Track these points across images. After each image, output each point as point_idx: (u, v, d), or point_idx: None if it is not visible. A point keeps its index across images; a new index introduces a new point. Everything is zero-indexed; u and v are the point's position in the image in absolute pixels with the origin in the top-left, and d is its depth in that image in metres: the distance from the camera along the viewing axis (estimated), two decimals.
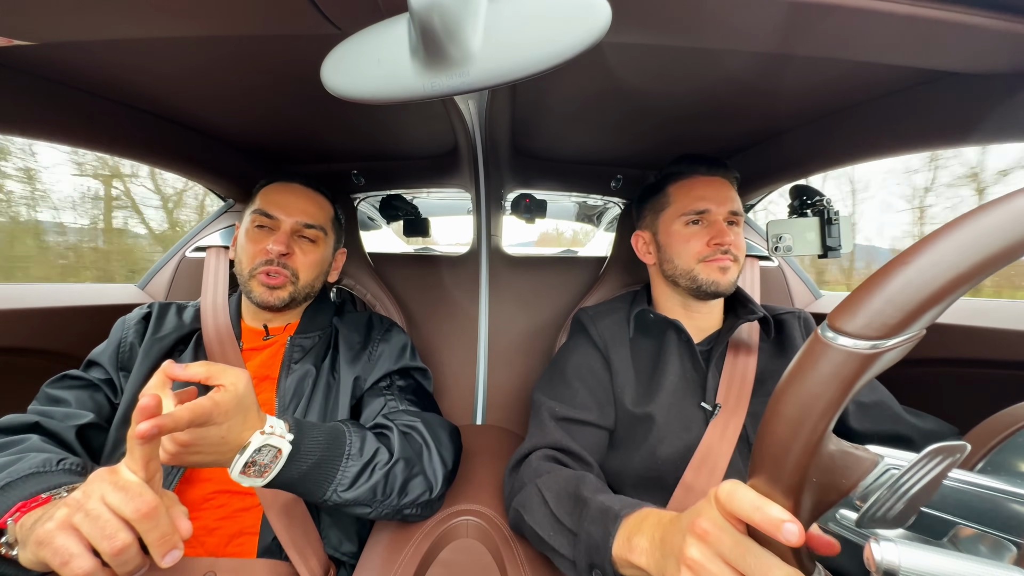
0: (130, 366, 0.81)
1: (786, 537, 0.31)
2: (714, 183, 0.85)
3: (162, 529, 0.43)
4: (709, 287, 0.82)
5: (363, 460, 0.65)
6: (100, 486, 0.44)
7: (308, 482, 0.60)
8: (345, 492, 0.62)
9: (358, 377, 0.85)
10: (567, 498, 0.62)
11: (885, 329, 0.28)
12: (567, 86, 0.77)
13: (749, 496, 0.34)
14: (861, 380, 0.29)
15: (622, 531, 0.52)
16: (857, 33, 0.51)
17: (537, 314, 1.39)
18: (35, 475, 0.55)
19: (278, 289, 0.83)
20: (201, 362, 0.53)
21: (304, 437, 0.60)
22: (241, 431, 0.53)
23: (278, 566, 0.72)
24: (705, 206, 0.83)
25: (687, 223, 0.85)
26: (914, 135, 0.74)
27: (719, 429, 0.76)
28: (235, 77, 0.72)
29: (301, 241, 0.87)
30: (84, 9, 0.50)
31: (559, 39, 0.36)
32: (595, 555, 0.54)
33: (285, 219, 0.85)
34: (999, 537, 0.32)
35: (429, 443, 0.74)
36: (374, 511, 0.66)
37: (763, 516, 0.33)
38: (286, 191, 0.88)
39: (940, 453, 0.30)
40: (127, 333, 0.84)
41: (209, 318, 0.88)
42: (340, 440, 0.64)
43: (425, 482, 0.71)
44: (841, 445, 0.33)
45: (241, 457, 0.53)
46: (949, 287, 0.27)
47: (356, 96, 0.42)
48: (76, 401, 0.75)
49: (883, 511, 0.32)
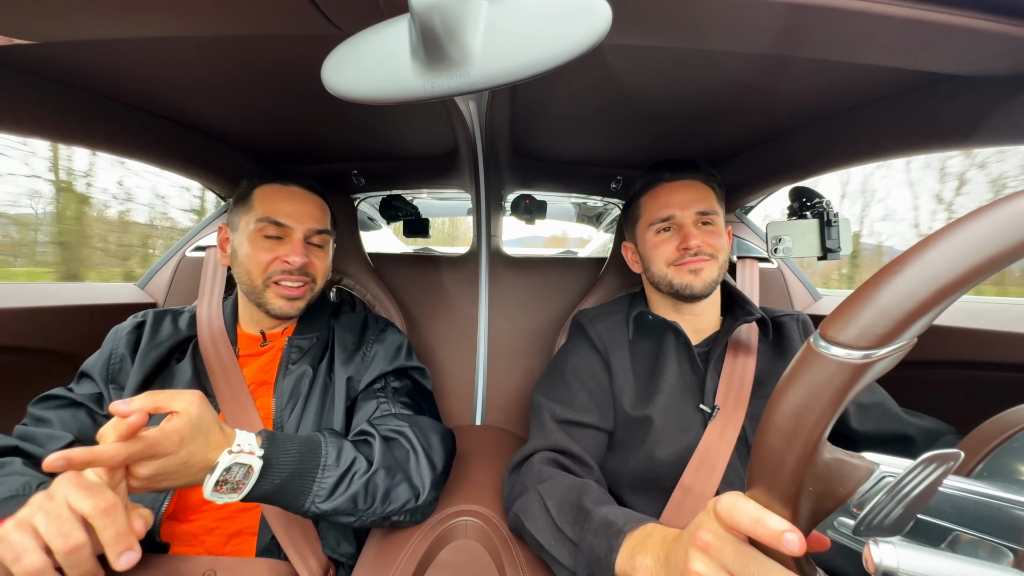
0: (120, 379, 0.80)
1: (788, 548, 0.31)
2: (678, 187, 0.86)
3: (118, 527, 0.44)
4: (684, 290, 0.83)
5: (340, 470, 0.64)
6: (64, 487, 0.45)
7: (285, 495, 0.60)
8: (323, 503, 0.62)
9: (351, 378, 0.84)
10: (569, 508, 0.62)
11: (876, 339, 0.28)
12: (567, 87, 0.77)
13: (748, 509, 0.34)
14: (854, 389, 0.29)
15: (625, 547, 0.52)
16: (857, 36, 0.51)
17: (537, 315, 1.39)
18: (13, 498, 0.56)
19: (298, 300, 0.83)
20: (146, 393, 0.52)
21: (277, 450, 0.59)
22: (206, 452, 0.53)
23: (277, 565, 0.72)
24: (669, 212, 0.85)
25: (657, 231, 0.87)
26: (914, 137, 0.74)
27: (717, 430, 0.76)
28: (235, 77, 0.72)
29: (310, 247, 0.86)
30: (84, 9, 0.50)
31: (560, 40, 0.36)
32: (597, 569, 0.54)
33: (297, 227, 0.83)
34: (996, 543, 0.32)
35: (417, 448, 0.73)
36: (358, 520, 0.66)
37: (764, 529, 0.33)
38: (290, 197, 0.85)
39: (935, 460, 0.30)
40: (118, 344, 0.83)
41: (204, 324, 0.87)
42: (315, 451, 0.63)
43: (411, 489, 0.70)
44: (836, 453, 0.33)
45: (211, 477, 0.53)
46: (939, 296, 0.27)
47: (356, 96, 0.42)
48: (59, 421, 0.74)
49: (880, 518, 0.32)
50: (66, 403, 0.77)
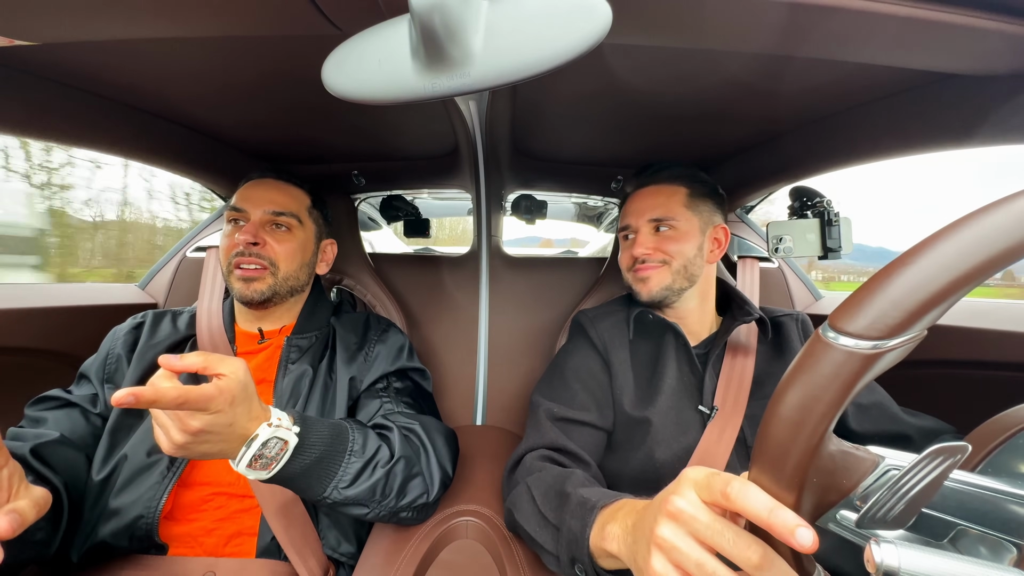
0: (115, 379, 0.80)
1: (800, 543, 0.30)
2: (641, 195, 0.89)
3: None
4: (639, 296, 0.87)
5: (365, 457, 0.64)
6: None
7: (310, 477, 0.59)
8: (346, 489, 0.62)
9: (353, 378, 0.84)
10: (553, 495, 0.62)
11: (887, 329, 0.28)
12: (568, 87, 0.77)
13: (763, 499, 0.33)
14: (862, 381, 0.29)
15: (598, 522, 0.52)
16: (857, 35, 0.51)
17: (537, 315, 1.39)
18: None
19: (254, 281, 0.82)
20: (197, 352, 0.52)
21: (309, 430, 0.59)
22: (247, 421, 0.53)
23: (277, 566, 0.72)
24: (627, 221, 0.89)
25: (624, 238, 0.91)
26: (915, 137, 0.74)
27: (716, 432, 0.76)
28: (236, 77, 0.72)
29: (274, 231, 0.86)
30: (85, 10, 0.50)
31: (560, 40, 0.36)
32: (575, 548, 0.54)
33: (253, 210, 0.85)
34: (999, 538, 0.32)
35: (427, 446, 0.74)
36: (371, 512, 0.66)
37: (778, 520, 0.31)
38: (256, 186, 0.88)
39: (941, 454, 0.30)
40: (115, 345, 0.83)
41: (204, 322, 0.88)
42: (344, 436, 0.64)
43: (423, 484, 0.70)
44: (841, 446, 0.33)
45: (249, 449, 0.53)
46: (951, 288, 0.27)
47: (357, 97, 0.42)
48: (53, 421, 0.75)
49: (883, 512, 0.31)
50: (61, 404, 0.77)
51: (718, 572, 0.35)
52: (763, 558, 0.33)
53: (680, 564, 0.37)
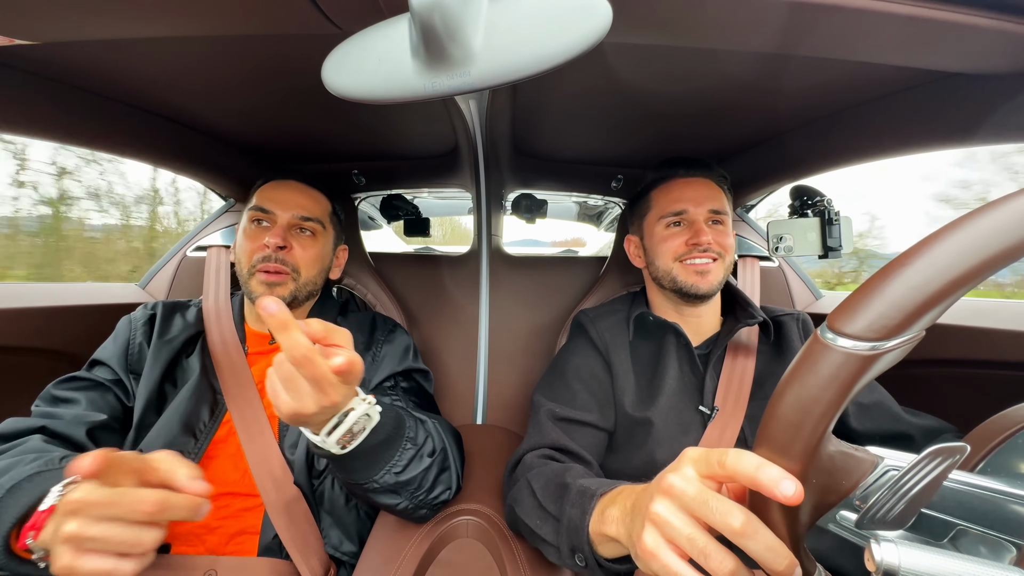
0: (139, 368, 0.80)
1: (783, 493, 0.31)
2: (692, 184, 0.86)
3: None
4: (689, 290, 0.82)
5: (417, 445, 0.64)
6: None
7: (370, 457, 0.58)
8: (400, 474, 0.61)
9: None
10: (553, 487, 0.63)
11: (885, 330, 0.28)
12: (568, 86, 0.77)
13: (753, 458, 0.33)
14: (861, 381, 0.29)
15: (598, 507, 0.52)
16: (858, 34, 0.51)
17: (537, 314, 1.39)
18: (39, 475, 0.52)
19: (276, 287, 0.82)
20: (316, 320, 0.50)
21: (384, 411, 0.59)
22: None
23: (279, 565, 0.72)
24: (683, 207, 0.84)
25: (667, 224, 0.86)
26: (915, 135, 0.74)
27: (717, 432, 0.76)
28: (236, 77, 0.72)
29: (299, 235, 0.86)
30: (85, 9, 0.50)
31: (560, 39, 0.36)
32: (575, 537, 0.54)
33: (281, 213, 0.84)
34: (999, 538, 0.32)
35: (447, 444, 0.74)
36: (402, 502, 0.65)
37: (763, 475, 0.32)
38: (282, 188, 0.88)
39: (940, 454, 0.30)
40: (135, 334, 0.82)
41: (212, 321, 0.88)
42: (402, 421, 0.63)
43: (449, 479, 0.71)
44: (841, 446, 0.33)
45: (345, 420, 0.52)
46: (949, 288, 0.27)
47: (357, 96, 0.42)
48: (88, 402, 0.74)
49: (883, 512, 0.32)
50: (92, 384, 0.77)
51: (708, 547, 0.35)
52: (745, 524, 0.33)
53: (672, 539, 0.37)
